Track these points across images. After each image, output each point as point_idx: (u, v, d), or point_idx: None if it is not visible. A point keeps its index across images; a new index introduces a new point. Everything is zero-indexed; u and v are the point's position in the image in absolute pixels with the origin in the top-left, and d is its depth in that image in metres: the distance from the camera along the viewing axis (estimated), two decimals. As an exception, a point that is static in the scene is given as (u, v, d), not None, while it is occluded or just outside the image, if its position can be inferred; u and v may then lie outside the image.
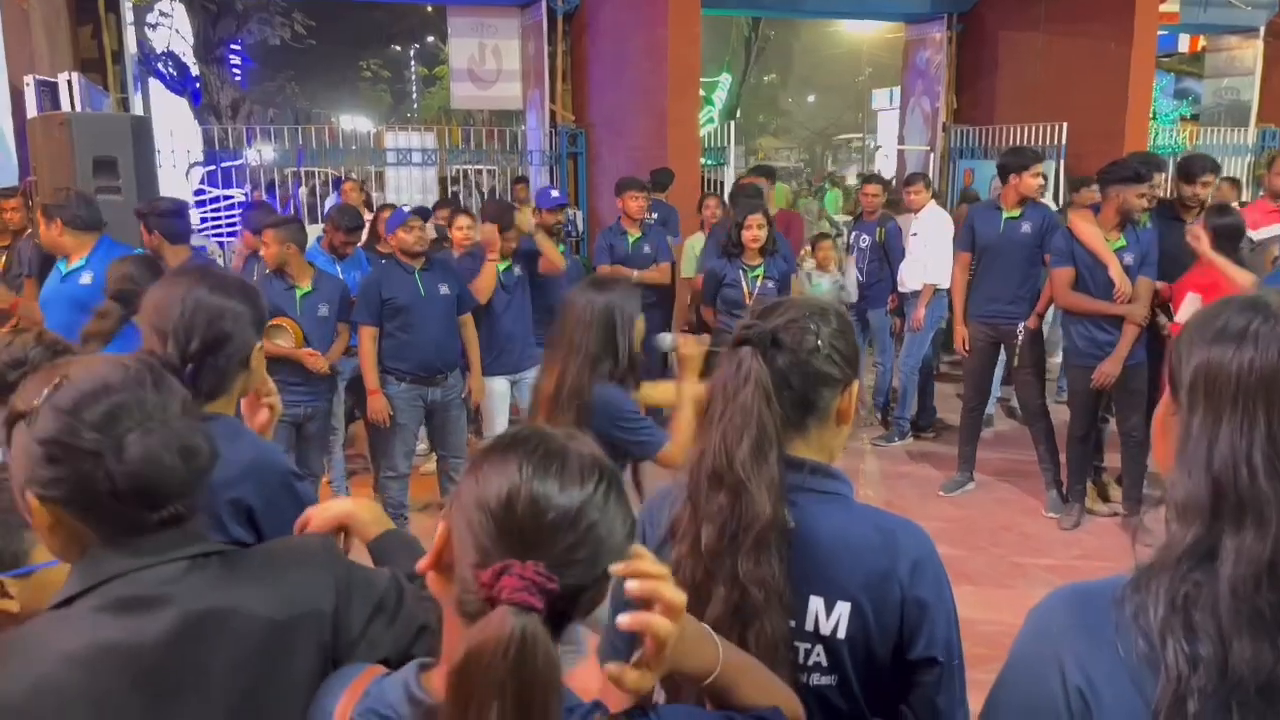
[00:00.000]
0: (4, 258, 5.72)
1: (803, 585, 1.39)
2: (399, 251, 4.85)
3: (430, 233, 5.18)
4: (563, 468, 1.00)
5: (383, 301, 4.74)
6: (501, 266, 5.14)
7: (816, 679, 1.42)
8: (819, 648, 1.41)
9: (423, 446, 5.65)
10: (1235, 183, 8.50)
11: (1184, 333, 1.09)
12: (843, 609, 1.39)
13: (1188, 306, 4.68)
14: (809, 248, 7.05)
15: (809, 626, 1.41)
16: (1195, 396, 1.04)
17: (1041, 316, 5.44)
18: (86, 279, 4.20)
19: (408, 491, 4.96)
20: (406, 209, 5.20)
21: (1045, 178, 7.03)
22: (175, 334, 1.78)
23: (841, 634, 1.39)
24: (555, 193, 6.20)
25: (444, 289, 4.84)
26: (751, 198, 6.13)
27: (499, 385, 5.23)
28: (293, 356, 4.58)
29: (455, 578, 1.00)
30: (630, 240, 6.20)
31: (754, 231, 5.21)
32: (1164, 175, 5.84)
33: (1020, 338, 5.39)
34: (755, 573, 1.34)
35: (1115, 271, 4.73)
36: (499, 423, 5.26)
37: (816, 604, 1.40)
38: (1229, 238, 4.65)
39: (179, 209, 4.80)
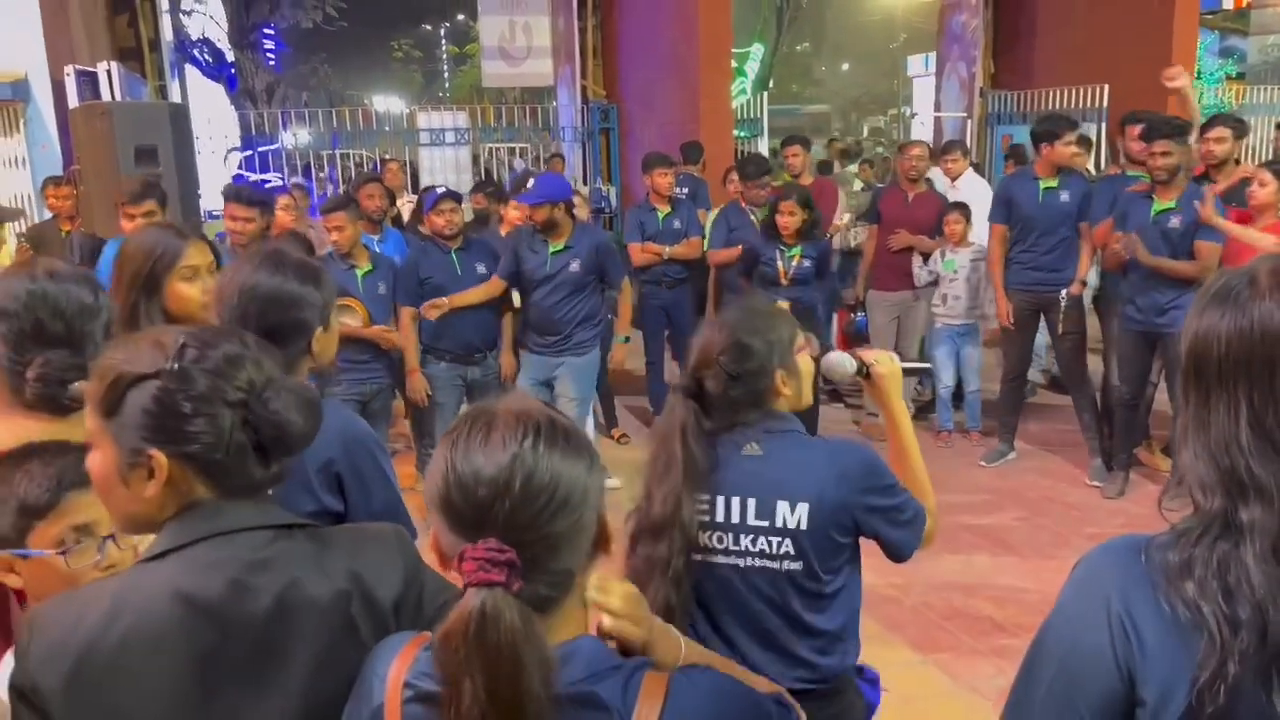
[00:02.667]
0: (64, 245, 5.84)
1: (772, 494, 1.84)
2: (434, 233, 4.90)
3: (466, 214, 5.20)
4: (486, 438, 1.03)
5: (420, 282, 4.79)
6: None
7: (787, 565, 1.84)
8: (787, 540, 1.84)
9: None
10: None
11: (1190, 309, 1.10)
12: (803, 508, 1.83)
13: None
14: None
15: (778, 524, 1.84)
16: (1188, 377, 1.06)
17: (1084, 283, 5.35)
18: None
19: None
20: (440, 189, 5.22)
21: (1089, 141, 6.89)
22: (242, 322, 1.80)
23: (804, 525, 1.83)
24: (531, 184, 5.39)
25: (481, 269, 4.88)
26: (756, 166, 6.09)
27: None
28: (367, 335, 4.59)
29: None
30: (660, 216, 6.19)
31: (785, 218, 5.21)
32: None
33: (1064, 304, 5.31)
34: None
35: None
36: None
37: (783, 507, 1.83)
38: None
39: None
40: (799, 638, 1.87)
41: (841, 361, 2.12)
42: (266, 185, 10.65)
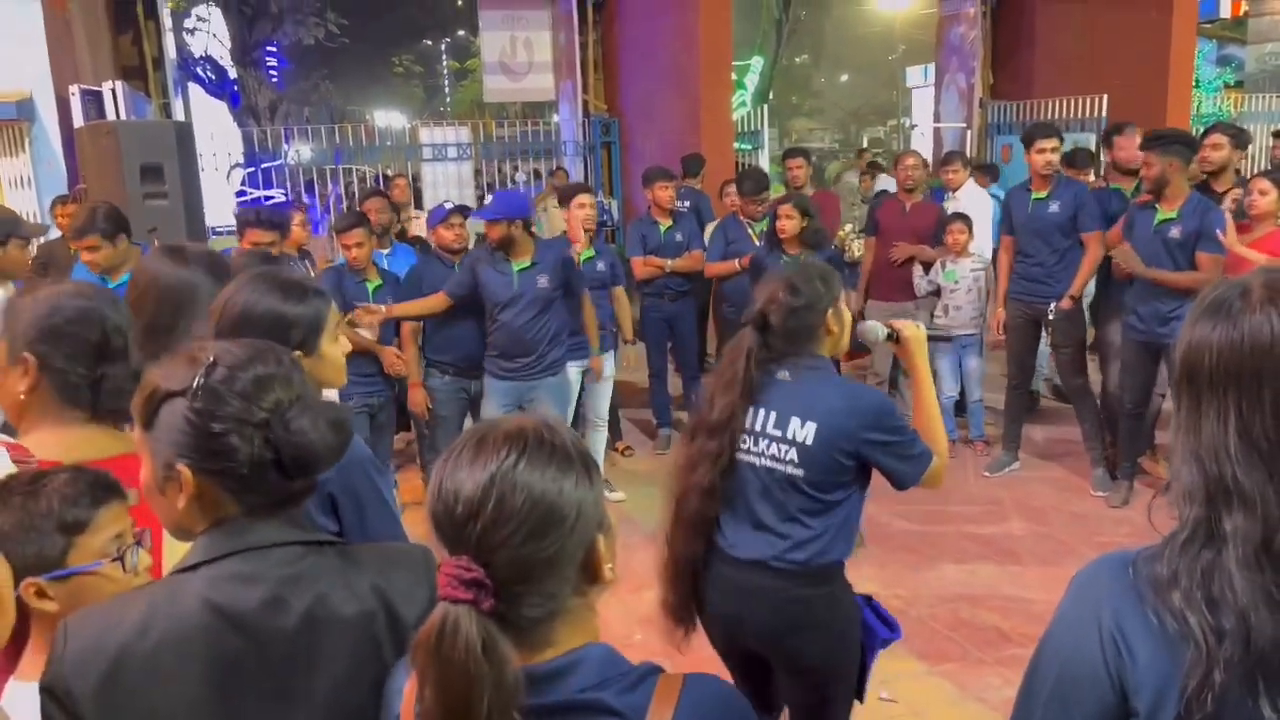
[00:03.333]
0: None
1: (791, 410, 2.26)
2: (440, 247, 4.92)
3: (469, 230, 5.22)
4: (473, 457, 1.04)
5: (425, 296, 4.81)
6: (586, 255, 5.19)
7: (790, 470, 2.26)
8: (793, 450, 2.25)
9: None
10: None
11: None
12: (810, 426, 2.24)
13: None
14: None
15: (788, 435, 2.25)
16: (1180, 384, 1.08)
17: (1075, 297, 5.30)
18: None
19: None
20: (449, 205, 5.25)
21: (1089, 153, 6.89)
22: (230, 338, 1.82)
23: (810, 441, 2.23)
24: (489, 199, 5.24)
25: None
26: (755, 183, 6.12)
27: (569, 373, 5.27)
28: (375, 350, 4.67)
29: None
30: (662, 229, 6.21)
31: (783, 221, 5.24)
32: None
33: (1052, 315, 5.31)
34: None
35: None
36: (603, 406, 5.41)
37: (795, 422, 2.25)
38: None
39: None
40: (789, 528, 2.27)
41: (874, 328, 2.53)
42: (269, 201, 10.69)
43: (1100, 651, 1.07)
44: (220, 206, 8.56)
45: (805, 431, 2.23)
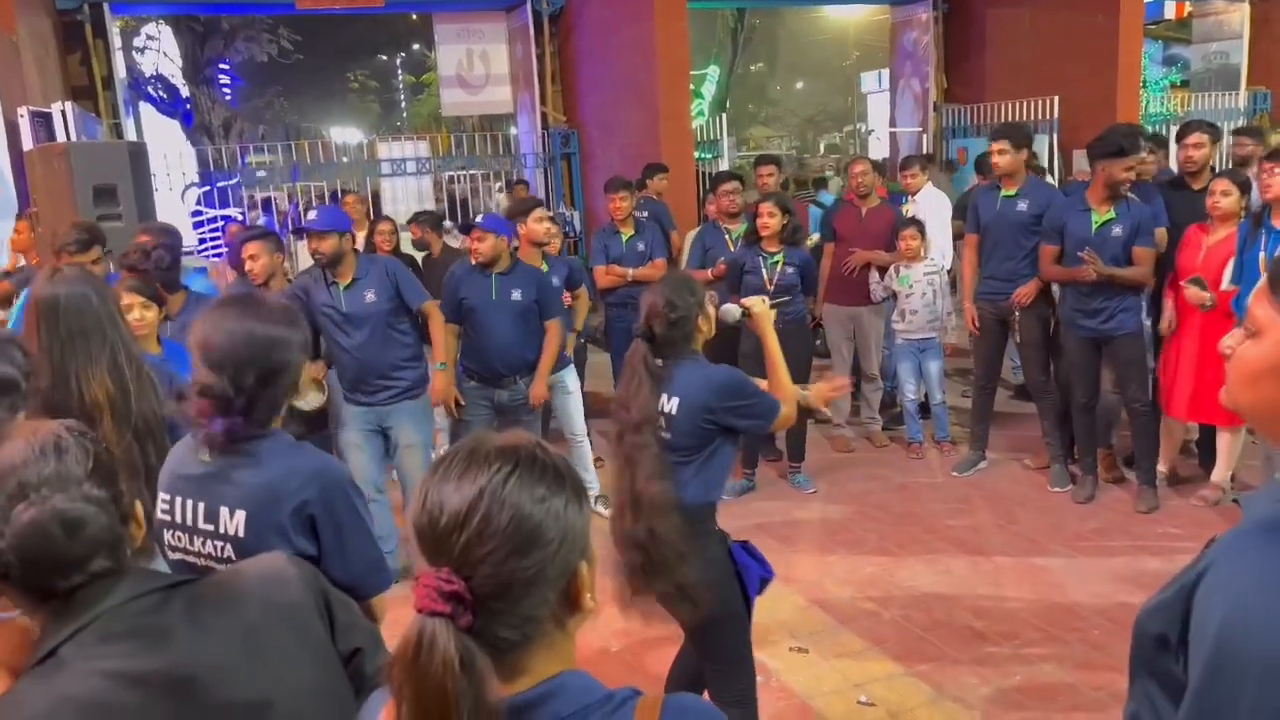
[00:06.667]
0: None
1: (665, 393, 2.79)
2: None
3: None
4: (463, 469, 1.02)
5: (459, 301, 4.79)
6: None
7: (665, 435, 2.77)
8: (665, 420, 2.78)
9: None
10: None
11: None
12: (675, 401, 2.79)
13: (1231, 271, 4.72)
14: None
15: (664, 410, 2.79)
16: None
17: (1026, 295, 5.33)
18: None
19: None
20: (478, 219, 5.01)
21: (1029, 153, 6.95)
22: (227, 369, 1.80)
23: (676, 412, 2.79)
24: (313, 214, 4.77)
25: (516, 295, 4.83)
26: (723, 175, 6.18)
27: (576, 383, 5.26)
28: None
29: None
30: (624, 239, 6.22)
31: (764, 219, 5.29)
32: (1152, 145, 5.83)
33: (1017, 315, 5.38)
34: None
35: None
36: (577, 421, 5.38)
37: (665, 400, 2.80)
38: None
39: (176, 257, 4.40)
40: (674, 475, 2.73)
41: (730, 310, 3.09)
42: (231, 221, 10.54)
43: None
44: (176, 226, 8.44)
45: (672, 405, 2.79)
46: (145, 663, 1.16)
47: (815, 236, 6.71)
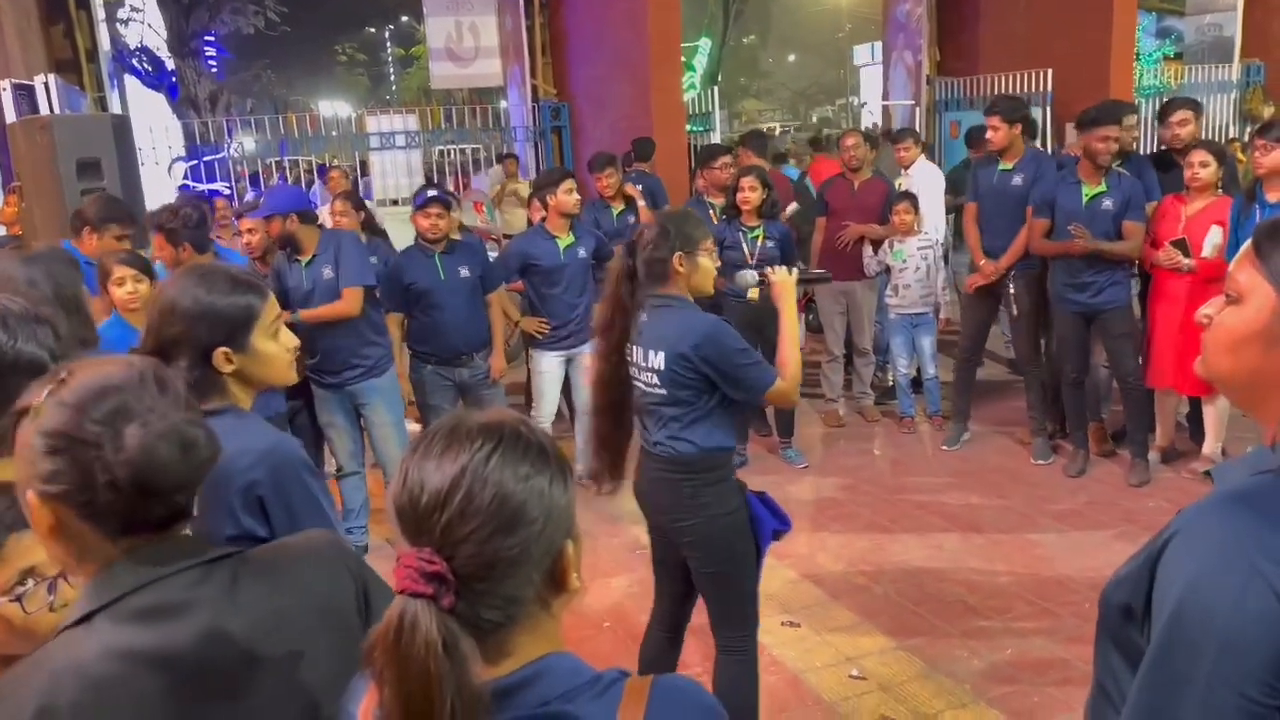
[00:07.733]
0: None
1: (649, 344, 2.74)
2: (419, 235, 4.82)
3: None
4: (444, 448, 0.99)
5: (405, 287, 4.74)
6: (565, 243, 5.11)
7: (655, 393, 2.75)
8: (655, 376, 2.74)
9: None
10: None
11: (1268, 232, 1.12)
12: (661, 355, 2.71)
13: (1212, 240, 4.74)
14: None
15: (649, 364, 2.74)
16: None
17: (1007, 268, 5.30)
18: None
19: None
20: (432, 192, 5.01)
21: (1030, 124, 6.93)
22: (155, 333, 1.76)
23: (662, 367, 2.71)
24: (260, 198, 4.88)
25: (464, 272, 4.82)
26: (713, 150, 6.13)
27: (550, 362, 5.21)
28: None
29: None
30: (615, 213, 6.18)
31: (745, 193, 5.26)
32: (1136, 117, 5.81)
33: (1011, 288, 5.36)
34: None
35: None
36: (549, 400, 5.29)
37: (652, 352, 2.73)
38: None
39: (203, 216, 4.46)
40: (671, 428, 2.75)
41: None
42: (216, 194, 10.45)
43: (1273, 595, 0.96)
44: (161, 201, 8.35)
45: (658, 359, 2.71)
46: (166, 644, 1.12)
47: (794, 205, 6.68)
